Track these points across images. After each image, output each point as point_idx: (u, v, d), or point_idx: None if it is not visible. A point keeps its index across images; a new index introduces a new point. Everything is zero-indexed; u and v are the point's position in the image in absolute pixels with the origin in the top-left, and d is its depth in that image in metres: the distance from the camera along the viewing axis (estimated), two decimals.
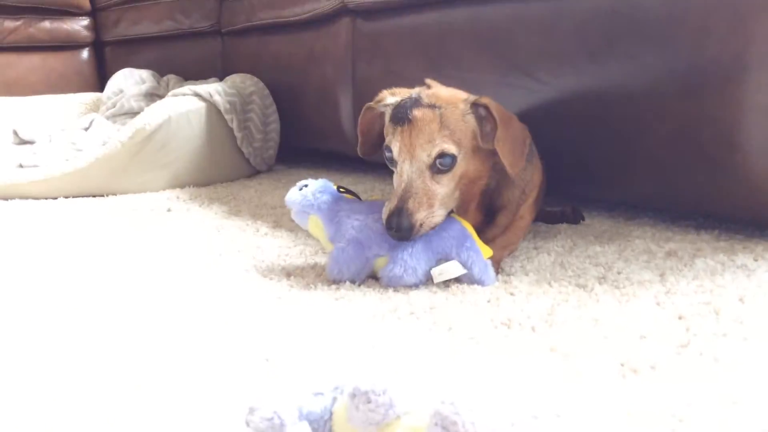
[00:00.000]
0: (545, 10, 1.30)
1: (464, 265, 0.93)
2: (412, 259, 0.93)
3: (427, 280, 0.96)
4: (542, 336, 0.77)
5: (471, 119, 0.97)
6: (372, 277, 1.00)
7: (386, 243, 0.96)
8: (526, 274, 1.00)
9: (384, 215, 0.95)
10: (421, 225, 0.93)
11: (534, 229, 1.28)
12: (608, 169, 1.27)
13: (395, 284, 0.95)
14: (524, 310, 0.85)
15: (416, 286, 0.95)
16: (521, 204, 1.10)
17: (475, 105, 0.98)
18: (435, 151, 0.94)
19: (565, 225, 1.32)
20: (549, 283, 0.95)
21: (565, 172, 1.34)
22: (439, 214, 0.96)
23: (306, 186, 1.05)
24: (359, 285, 0.97)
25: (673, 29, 1.09)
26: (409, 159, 0.96)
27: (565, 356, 0.71)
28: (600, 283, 0.94)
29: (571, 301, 0.87)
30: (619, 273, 0.98)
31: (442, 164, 0.95)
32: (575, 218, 1.33)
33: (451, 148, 0.94)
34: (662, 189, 1.20)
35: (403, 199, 0.94)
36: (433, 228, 0.95)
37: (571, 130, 1.30)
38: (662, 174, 1.18)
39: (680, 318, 0.80)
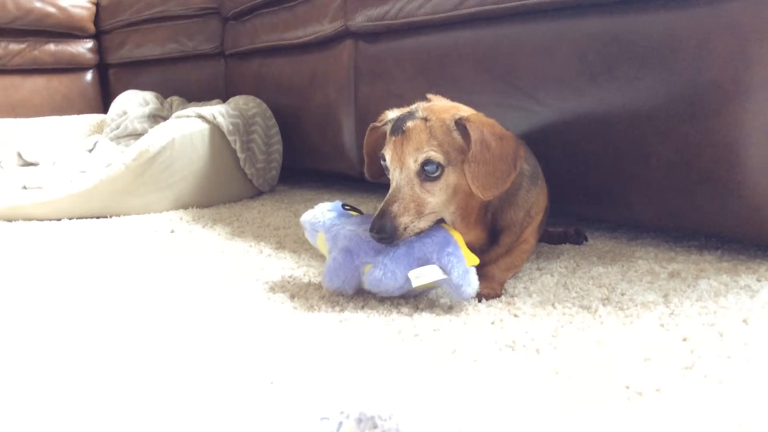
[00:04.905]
0: (546, 34, 1.31)
1: (443, 270, 0.92)
2: (392, 263, 0.93)
3: (409, 287, 0.95)
4: (546, 358, 0.76)
5: (457, 135, 0.97)
6: (375, 299, 1.00)
7: (373, 250, 0.97)
8: (530, 296, 1.00)
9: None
10: (405, 229, 0.94)
11: (537, 250, 1.28)
12: (610, 189, 1.28)
13: (376, 288, 0.95)
14: (528, 332, 0.85)
15: (397, 292, 0.95)
16: (526, 226, 1.09)
17: (457, 122, 0.97)
18: (421, 158, 0.95)
19: (567, 246, 1.32)
20: (553, 305, 0.95)
21: (567, 193, 1.35)
22: (425, 220, 0.97)
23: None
24: (363, 307, 0.97)
25: (673, 52, 1.11)
26: (399, 167, 0.98)
27: (570, 379, 0.71)
28: (604, 305, 0.94)
29: (575, 323, 0.87)
30: (622, 294, 0.98)
31: (429, 171, 0.96)
32: (578, 239, 1.34)
33: (438, 156, 0.95)
34: (664, 210, 1.21)
35: (389, 203, 0.96)
36: (417, 233, 0.96)
37: (573, 152, 1.31)
38: (664, 195, 1.18)
39: (684, 340, 0.80)
